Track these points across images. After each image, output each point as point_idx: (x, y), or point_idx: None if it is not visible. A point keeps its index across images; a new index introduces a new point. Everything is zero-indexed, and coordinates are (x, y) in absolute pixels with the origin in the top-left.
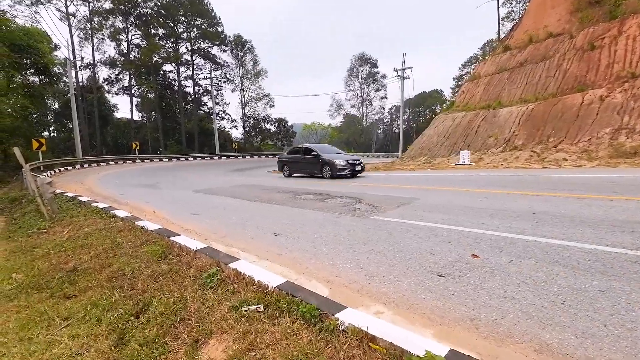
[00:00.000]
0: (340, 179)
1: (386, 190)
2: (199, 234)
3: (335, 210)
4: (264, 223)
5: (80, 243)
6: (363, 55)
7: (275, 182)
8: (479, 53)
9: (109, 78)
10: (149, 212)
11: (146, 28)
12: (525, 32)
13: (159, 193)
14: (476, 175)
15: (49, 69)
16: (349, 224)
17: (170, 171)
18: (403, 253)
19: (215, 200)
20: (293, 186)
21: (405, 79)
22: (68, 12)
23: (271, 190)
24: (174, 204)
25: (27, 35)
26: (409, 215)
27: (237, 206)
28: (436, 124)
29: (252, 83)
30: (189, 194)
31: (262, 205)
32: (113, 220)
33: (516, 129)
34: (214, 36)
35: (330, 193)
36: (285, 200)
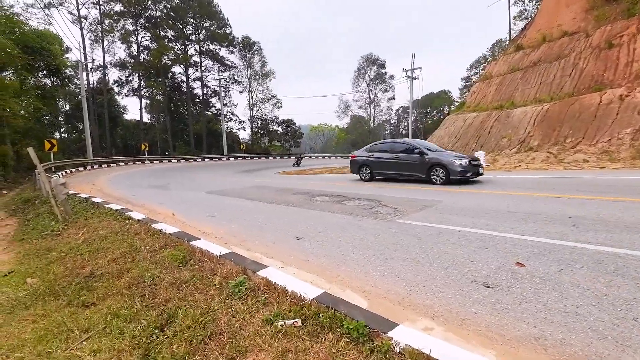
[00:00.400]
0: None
1: (404, 192)
2: (218, 238)
3: (356, 213)
4: (283, 226)
5: (96, 246)
6: (371, 56)
7: (286, 183)
8: (488, 53)
9: (119, 80)
10: (164, 214)
11: (156, 30)
12: (538, 31)
13: (171, 194)
14: (495, 177)
15: (61, 70)
16: (374, 228)
17: (180, 172)
18: (439, 260)
19: (229, 201)
20: (305, 187)
21: (414, 79)
22: (80, 15)
23: (284, 192)
24: (188, 205)
25: (40, 37)
26: (435, 218)
27: (253, 208)
28: (447, 124)
29: (259, 84)
30: (201, 195)
31: (278, 207)
32: (129, 223)
33: (531, 129)
34: (222, 38)
35: (346, 195)
36: (301, 202)
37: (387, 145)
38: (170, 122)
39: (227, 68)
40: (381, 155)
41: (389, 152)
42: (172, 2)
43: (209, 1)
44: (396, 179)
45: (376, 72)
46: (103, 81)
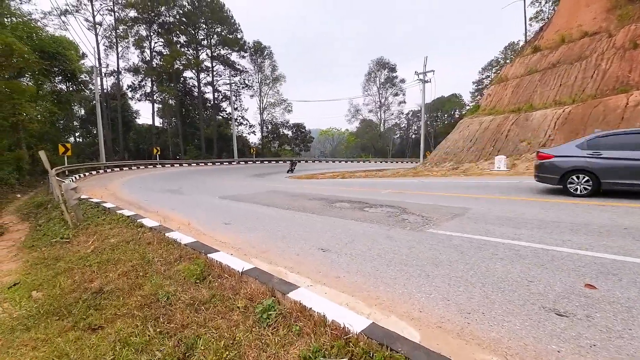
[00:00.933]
0: None
1: (427, 197)
2: (236, 248)
3: (381, 221)
4: (305, 235)
5: (106, 257)
6: (381, 60)
7: (299, 188)
8: (500, 56)
9: (132, 85)
10: (177, 221)
11: (169, 36)
12: (556, 32)
13: (184, 199)
14: (520, 182)
15: (77, 76)
16: (405, 239)
17: (192, 176)
18: (491, 279)
19: (244, 207)
20: (320, 193)
21: (427, 82)
22: (95, 21)
23: (300, 198)
24: (202, 211)
25: (56, 42)
26: (471, 228)
27: (270, 215)
28: (461, 128)
29: (270, 88)
30: (215, 200)
31: (297, 214)
32: (141, 231)
33: (552, 132)
34: (234, 42)
35: (366, 201)
36: (321, 209)
37: (634, 138)
38: (182, 126)
39: (238, 72)
40: (623, 154)
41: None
42: (185, 8)
43: (220, 6)
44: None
45: (387, 76)
46: (117, 86)
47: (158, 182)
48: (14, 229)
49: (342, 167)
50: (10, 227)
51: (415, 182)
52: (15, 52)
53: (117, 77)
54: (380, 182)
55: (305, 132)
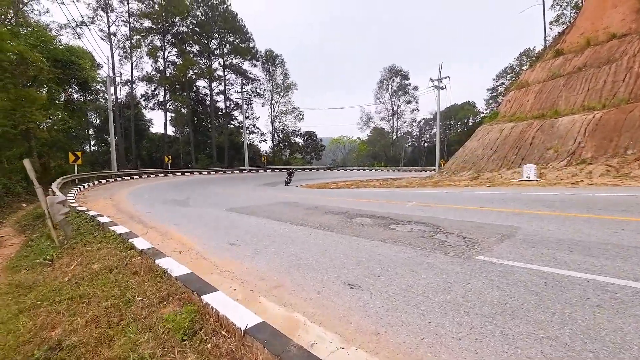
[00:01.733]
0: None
1: (460, 212)
2: (241, 281)
3: (415, 243)
4: (325, 262)
5: (81, 291)
6: (393, 68)
7: (313, 199)
8: (516, 63)
9: (145, 94)
10: (177, 239)
11: (182, 45)
12: (581, 35)
13: (189, 212)
14: (560, 195)
15: (89, 84)
16: (453, 270)
17: (201, 185)
18: (601, 344)
19: (253, 222)
20: (337, 205)
21: (442, 89)
22: (110, 31)
23: (316, 211)
24: (206, 227)
25: (70, 51)
26: (533, 255)
27: (282, 233)
28: (479, 135)
29: (282, 97)
30: (222, 213)
31: (313, 232)
32: (130, 254)
33: (582, 139)
34: (246, 51)
35: (391, 216)
36: (340, 226)
37: None
38: (194, 134)
39: (250, 81)
40: None
41: None
42: (198, 18)
43: (232, 16)
44: None
45: (399, 84)
46: (131, 95)
47: (166, 192)
48: (9, 242)
49: (355, 176)
50: (4, 241)
51: (438, 193)
52: (27, 60)
53: (131, 86)
54: (399, 193)
55: (317, 140)
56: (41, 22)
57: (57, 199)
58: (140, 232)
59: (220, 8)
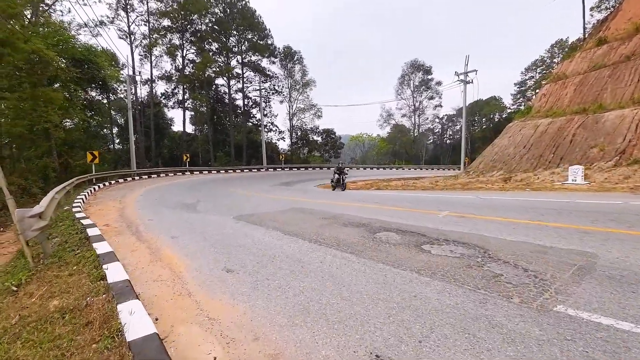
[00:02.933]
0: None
1: (507, 227)
2: (227, 339)
3: (462, 278)
4: (344, 311)
5: (9, 349)
6: (416, 62)
7: (330, 204)
8: (547, 55)
9: (165, 92)
10: (166, 260)
11: (201, 44)
12: (628, 21)
13: (193, 220)
14: (627, 205)
15: (107, 83)
16: (528, 335)
17: (216, 186)
18: None
19: (260, 236)
20: (356, 214)
21: (468, 83)
22: (130, 31)
23: (333, 221)
24: (206, 242)
25: (88, 51)
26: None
27: (291, 254)
28: (510, 132)
29: (300, 94)
30: (228, 222)
31: (329, 254)
32: (96, 288)
33: (633, 136)
34: (264, 48)
35: (422, 230)
36: (360, 245)
37: None
38: (213, 133)
39: (268, 78)
40: None
41: None
42: (217, 15)
43: (251, 12)
44: None
45: (421, 79)
46: (151, 94)
47: (177, 194)
48: (3, 251)
49: (374, 175)
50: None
51: (472, 199)
52: (44, 59)
53: (150, 85)
54: (425, 198)
55: (335, 137)
56: (62, 22)
57: (29, 212)
58: (128, 250)
59: (238, 5)
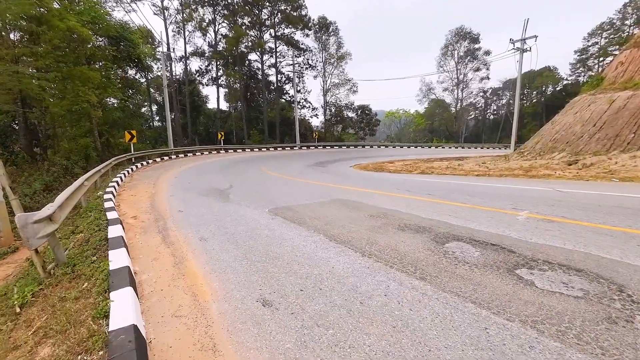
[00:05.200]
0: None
1: (623, 241)
2: None
3: (608, 346)
4: None
5: None
6: (461, 30)
7: (374, 194)
8: (617, 16)
9: (199, 69)
10: (189, 278)
11: (233, 17)
12: None
13: (225, 212)
14: None
15: (143, 61)
16: None
17: (250, 166)
18: None
19: (301, 242)
20: (412, 211)
21: (526, 51)
22: (163, 6)
23: (385, 222)
24: (238, 249)
25: (122, 28)
26: None
27: (344, 275)
28: (577, 108)
29: (335, 68)
30: (262, 218)
31: (390, 275)
32: (96, 334)
33: None
34: (298, 20)
35: (506, 242)
36: (431, 264)
37: None
38: (246, 110)
39: (302, 52)
40: None
41: None
42: None
43: None
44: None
45: (467, 48)
46: (185, 72)
47: (211, 176)
48: (19, 255)
49: (412, 154)
50: (14, 253)
51: (547, 191)
52: (81, 37)
53: (185, 62)
54: (485, 188)
55: (371, 114)
56: (100, 3)
57: (35, 216)
58: (150, 258)
59: None
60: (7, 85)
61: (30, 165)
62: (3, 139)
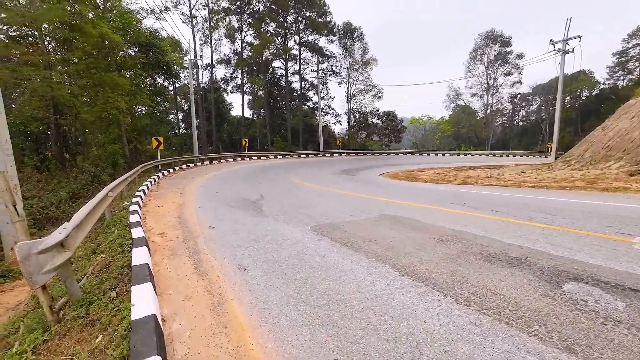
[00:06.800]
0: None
1: None
2: None
3: None
4: None
5: None
6: (492, 33)
7: (426, 209)
8: None
9: (224, 77)
10: (234, 337)
11: (259, 25)
12: None
13: (262, 234)
14: None
15: (171, 68)
16: None
17: (277, 174)
18: None
19: (363, 275)
20: (484, 231)
21: (568, 52)
22: (191, 14)
23: (460, 247)
24: (289, 289)
25: (152, 35)
26: None
27: (442, 332)
28: (633, 112)
29: (359, 74)
30: (308, 240)
31: (509, 335)
32: None
33: None
34: (323, 26)
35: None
36: (559, 317)
37: None
38: (269, 117)
39: (326, 59)
40: None
41: None
42: None
43: None
44: None
45: (497, 52)
46: (211, 79)
47: (238, 185)
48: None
49: (439, 161)
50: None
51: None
52: (112, 44)
53: (211, 70)
54: (557, 204)
55: (397, 121)
56: (130, 9)
57: (41, 244)
58: (181, 295)
59: None
60: (40, 92)
61: (60, 172)
62: (37, 145)
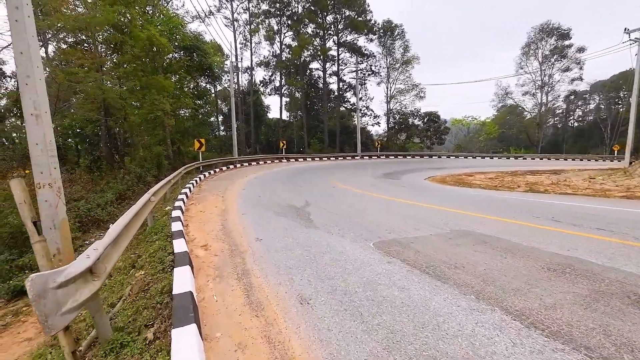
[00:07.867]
0: None
1: None
2: None
3: None
4: None
5: None
6: (547, 25)
7: (508, 224)
8: None
9: (263, 80)
10: None
11: (297, 26)
12: None
13: (318, 251)
14: None
15: (213, 70)
16: None
17: (317, 176)
18: None
19: (464, 320)
20: (627, 266)
21: None
22: (233, 18)
23: (592, 286)
24: (369, 337)
25: (196, 38)
26: None
27: None
28: None
29: (400, 73)
30: (375, 260)
31: None
32: None
33: None
34: (362, 25)
35: None
36: None
37: None
38: (306, 119)
39: (365, 58)
40: None
41: None
42: None
43: None
44: None
45: (554, 46)
46: (250, 82)
47: (279, 188)
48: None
49: (487, 165)
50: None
51: None
52: (159, 47)
53: (250, 72)
54: None
55: (440, 122)
56: (177, 14)
57: (59, 276)
58: (234, 342)
59: None
60: (92, 95)
61: (109, 173)
62: (91, 146)
